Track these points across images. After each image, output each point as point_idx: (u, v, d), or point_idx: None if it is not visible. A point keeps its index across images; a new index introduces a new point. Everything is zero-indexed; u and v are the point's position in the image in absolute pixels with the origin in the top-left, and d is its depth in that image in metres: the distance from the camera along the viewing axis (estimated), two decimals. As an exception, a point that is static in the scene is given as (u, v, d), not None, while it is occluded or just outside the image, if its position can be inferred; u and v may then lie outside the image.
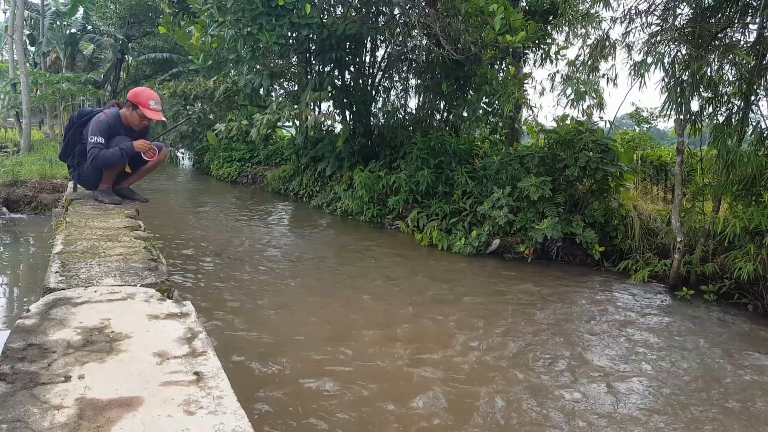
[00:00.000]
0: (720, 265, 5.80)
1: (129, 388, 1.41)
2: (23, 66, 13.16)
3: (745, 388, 3.80)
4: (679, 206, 6.13)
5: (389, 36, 10.17)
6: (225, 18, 7.73)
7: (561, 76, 11.18)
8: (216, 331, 4.23)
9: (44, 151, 12.58)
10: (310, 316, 4.75)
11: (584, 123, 7.86)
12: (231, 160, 16.16)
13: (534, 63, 10.87)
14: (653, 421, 3.30)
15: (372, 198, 9.44)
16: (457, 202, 8.27)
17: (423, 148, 9.03)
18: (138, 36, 24.46)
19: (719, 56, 5.89)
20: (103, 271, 2.40)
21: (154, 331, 1.78)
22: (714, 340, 4.67)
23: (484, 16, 7.13)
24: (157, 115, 4.02)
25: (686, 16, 6.33)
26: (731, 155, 5.52)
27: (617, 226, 7.07)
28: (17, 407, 1.29)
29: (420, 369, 3.81)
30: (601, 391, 3.67)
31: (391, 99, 11.64)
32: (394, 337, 4.39)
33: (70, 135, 4.20)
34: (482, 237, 7.33)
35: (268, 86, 10.13)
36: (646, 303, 5.67)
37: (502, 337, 4.50)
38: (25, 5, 16.58)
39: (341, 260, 6.91)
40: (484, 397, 3.48)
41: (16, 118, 15.37)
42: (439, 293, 5.61)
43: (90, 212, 3.70)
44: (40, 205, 8.69)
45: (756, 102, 5.88)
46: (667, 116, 6.43)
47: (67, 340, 1.67)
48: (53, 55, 21.38)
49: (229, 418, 1.30)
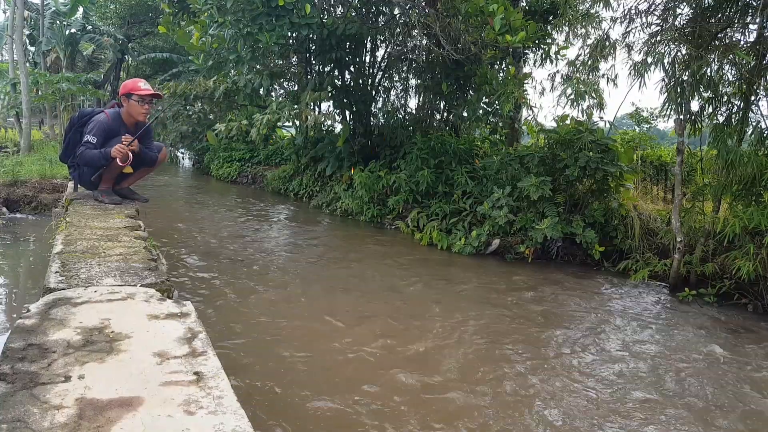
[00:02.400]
0: (720, 265, 5.80)
1: (129, 388, 1.41)
2: (23, 66, 13.16)
3: (745, 388, 3.80)
4: (679, 206, 6.13)
5: (389, 36, 10.17)
6: (225, 18, 7.73)
7: (561, 76, 11.20)
8: (215, 331, 4.23)
9: (44, 151, 12.58)
10: (310, 316, 4.75)
11: (584, 123, 7.86)
12: (231, 160, 16.15)
13: (534, 63, 10.89)
14: (653, 421, 3.30)
15: (372, 198, 9.44)
16: (457, 202, 8.27)
17: (423, 148, 9.02)
18: (138, 36, 24.48)
19: (719, 56, 5.89)
20: (103, 271, 2.40)
21: (154, 331, 1.79)
22: (714, 340, 4.67)
23: (484, 16, 7.12)
24: (149, 90, 4.16)
25: (686, 16, 6.33)
26: (731, 155, 5.52)
27: (617, 226, 7.07)
28: (17, 407, 1.29)
29: (420, 369, 3.81)
30: (601, 390, 3.67)
31: (391, 99, 11.63)
32: (393, 337, 4.39)
33: (71, 136, 4.22)
34: (482, 237, 7.33)
35: (268, 86, 10.14)
36: (646, 303, 5.67)
37: (502, 337, 4.50)
38: (25, 5, 16.60)
39: (341, 260, 6.91)
40: (483, 397, 3.48)
41: (16, 118, 15.37)
42: (439, 293, 5.61)
43: (90, 212, 3.70)
44: (40, 205, 8.68)
45: (756, 102, 5.88)
46: (667, 116, 6.44)
47: (67, 340, 1.67)
48: (53, 55, 21.38)
49: (229, 418, 1.30)
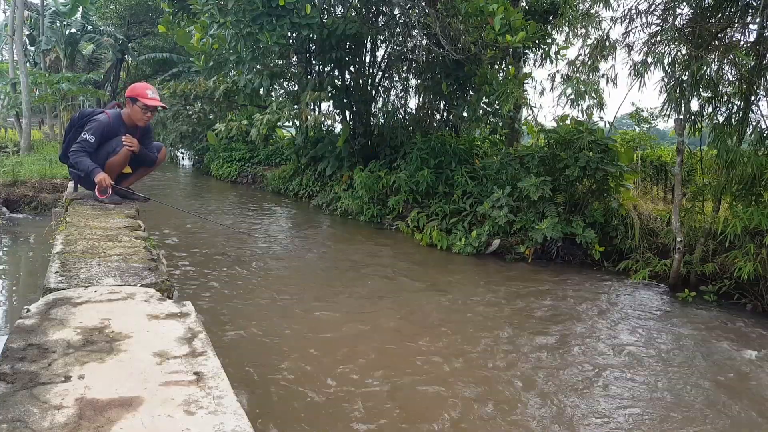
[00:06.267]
0: (720, 265, 5.80)
1: (129, 388, 1.41)
2: (23, 66, 13.15)
3: (745, 388, 3.80)
4: (679, 206, 6.13)
5: (389, 36, 10.17)
6: (226, 18, 7.73)
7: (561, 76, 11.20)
8: (214, 331, 4.22)
9: (44, 151, 12.56)
10: (310, 316, 4.75)
11: (584, 123, 7.87)
12: (231, 160, 16.15)
13: (534, 63, 10.90)
14: (652, 421, 3.30)
15: (372, 198, 9.43)
16: (457, 202, 8.27)
17: (423, 148, 9.02)
18: (138, 36, 24.46)
19: (719, 56, 5.90)
20: (103, 271, 2.40)
21: (154, 331, 1.78)
22: (714, 340, 4.67)
23: (484, 16, 7.12)
24: (156, 101, 4.18)
25: (686, 16, 6.33)
26: (731, 155, 5.52)
27: (617, 226, 7.07)
28: (17, 407, 1.29)
29: (420, 369, 3.81)
30: (601, 390, 3.67)
31: (391, 99, 11.63)
32: (392, 336, 4.39)
33: (71, 136, 4.23)
34: (482, 237, 7.33)
35: (268, 86, 10.13)
36: (646, 303, 5.67)
37: (502, 337, 4.50)
38: (25, 5, 16.58)
39: (341, 260, 6.90)
40: (482, 397, 3.48)
41: (16, 118, 15.36)
42: (438, 293, 5.61)
43: (90, 212, 3.70)
44: (40, 205, 8.68)
45: (756, 102, 5.88)
46: (667, 116, 6.44)
47: (67, 340, 1.67)
48: (53, 54, 21.34)
49: (229, 418, 1.30)
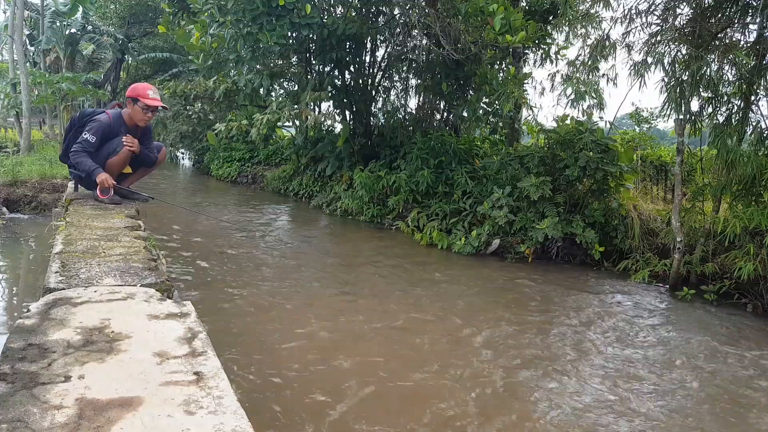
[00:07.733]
0: (720, 265, 5.80)
1: (129, 388, 1.41)
2: (23, 66, 13.15)
3: (745, 388, 3.80)
4: (679, 206, 6.13)
5: (389, 36, 10.17)
6: (226, 18, 7.73)
7: (561, 76, 11.23)
8: (213, 331, 4.22)
9: (44, 151, 12.56)
10: (309, 316, 4.75)
11: (584, 123, 7.86)
12: (231, 160, 16.15)
13: (534, 63, 10.91)
14: (652, 420, 3.30)
15: (372, 198, 9.43)
16: (457, 202, 8.27)
17: (423, 148, 9.02)
18: (138, 36, 24.46)
19: (719, 56, 5.89)
20: (103, 271, 2.40)
21: (154, 331, 1.79)
22: (714, 340, 4.67)
23: (484, 16, 7.13)
24: (157, 102, 4.21)
25: (686, 16, 6.33)
26: (731, 155, 5.52)
27: (617, 226, 7.07)
28: (17, 407, 1.29)
29: (420, 369, 3.81)
30: (600, 390, 3.66)
31: (391, 99, 11.63)
32: (392, 335, 4.39)
33: (71, 136, 4.23)
34: (482, 237, 7.33)
35: (268, 86, 10.14)
36: (646, 303, 5.67)
37: (502, 337, 4.50)
38: (25, 5, 16.58)
39: (341, 260, 6.90)
40: (482, 397, 3.48)
41: (16, 118, 15.36)
42: (438, 293, 5.61)
43: (90, 212, 3.70)
44: (40, 205, 8.68)
45: (756, 102, 5.88)
46: (667, 116, 6.43)
47: (67, 340, 1.67)
48: (53, 54, 21.34)
49: (229, 418, 1.30)
